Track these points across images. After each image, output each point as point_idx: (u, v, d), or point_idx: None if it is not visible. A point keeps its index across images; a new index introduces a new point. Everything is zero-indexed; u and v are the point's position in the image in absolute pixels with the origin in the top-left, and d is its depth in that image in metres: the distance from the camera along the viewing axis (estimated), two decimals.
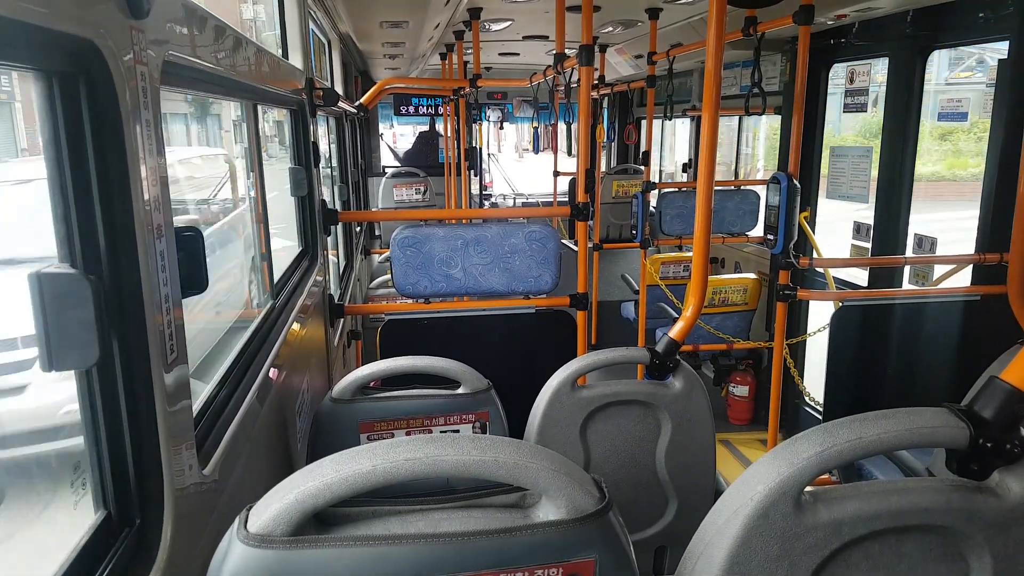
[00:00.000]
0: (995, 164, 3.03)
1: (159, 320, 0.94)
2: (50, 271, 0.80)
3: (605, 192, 6.64)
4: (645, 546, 1.96)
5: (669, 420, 1.89)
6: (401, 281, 2.63)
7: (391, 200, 7.93)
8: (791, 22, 2.89)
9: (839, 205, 4.04)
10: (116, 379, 0.90)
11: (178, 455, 0.99)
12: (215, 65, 1.37)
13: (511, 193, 9.56)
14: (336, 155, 5.25)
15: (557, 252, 2.68)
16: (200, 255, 1.10)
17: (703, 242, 2.08)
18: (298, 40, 2.69)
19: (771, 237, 3.01)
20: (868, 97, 3.77)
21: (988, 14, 2.99)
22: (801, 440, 0.98)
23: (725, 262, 5.56)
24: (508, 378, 2.02)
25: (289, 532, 0.83)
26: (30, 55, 0.77)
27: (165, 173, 0.99)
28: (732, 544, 0.97)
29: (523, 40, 5.32)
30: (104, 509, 0.92)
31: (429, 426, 1.82)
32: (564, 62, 3.05)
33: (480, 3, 3.88)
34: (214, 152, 3.86)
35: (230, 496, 1.22)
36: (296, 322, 2.09)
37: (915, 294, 3.19)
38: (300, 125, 2.57)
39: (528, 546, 0.87)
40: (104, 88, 0.84)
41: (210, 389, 1.38)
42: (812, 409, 4.26)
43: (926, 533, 1.00)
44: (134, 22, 0.89)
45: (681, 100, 5.99)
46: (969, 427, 0.96)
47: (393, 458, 0.85)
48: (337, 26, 4.63)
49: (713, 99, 2.00)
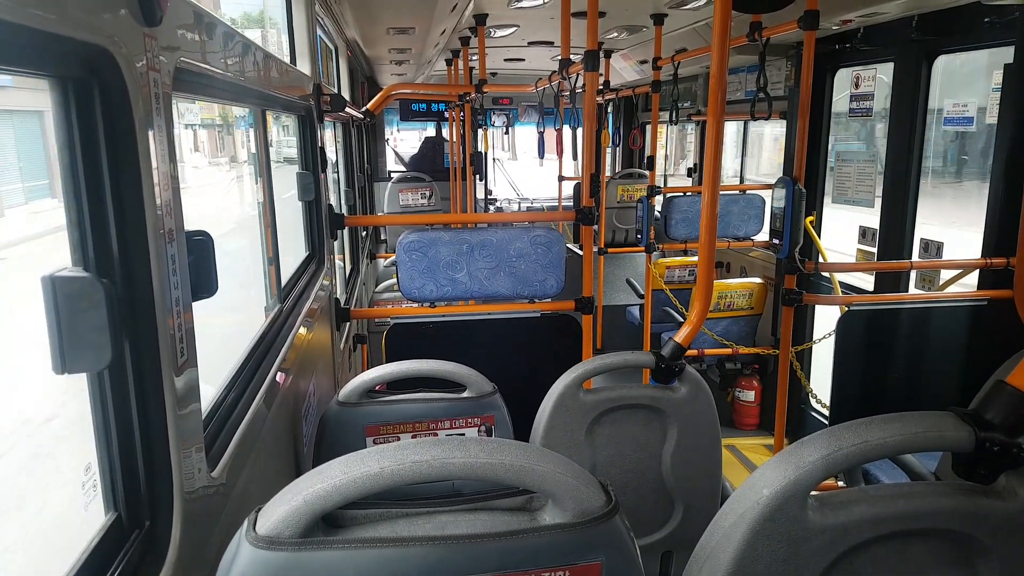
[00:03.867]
0: (1001, 168, 3.02)
1: (170, 324, 0.95)
2: (63, 274, 0.81)
3: (610, 196, 6.65)
4: (651, 550, 1.95)
5: (675, 424, 1.89)
6: (407, 285, 2.64)
7: (397, 205, 7.96)
8: (796, 27, 2.89)
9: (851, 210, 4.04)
10: (128, 382, 0.90)
11: (187, 458, 0.99)
12: (225, 71, 1.38)
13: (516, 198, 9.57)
14: (343, 160, 5.28)
15: (562, 256, 2.68)
16: (211, 259, 1.11)
17: (708, 246, 2.08)
18: (306, 46, 2.71)
19: (777, 241, 3.01)
20: (873, 102, 3.77)
21: (994, 19, 2.99)
22: (807, 444, 0.98)
23: (731, 266, 5.56)
24: (513, 382, 2.02)
25: (298, 534, 0.83)
26: (44, 62, 0.78)
27: (177, 178, 1.01)
28: (738, 548, 0.97)
29: (528, 46, 5.34)
30: (114, 511, 0.93)
31: (435, 430, 1.83)
32: (569, 67, 3.06)
33: (486, 9, 3.90)
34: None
35: (238, 499, 1.22)
36: (303, 326, 2.10)
37: (921, 299, 3.19)
38: (308, 130, 2.58)
39: (534, 549, 0.87)
40: (117, 94, 0.85)
41: (218, 392, 1.39)
42: (818, 414, 4.24)
43: (932, 537, 1.00)
44: (147, 29, 0.91)
45: (686, 105, 6.00)
46: (975, 431, 0.96)
47: (401, 460, 0.86)
48: (344, 32, 4.66)
49: (718, 104, 2.01)
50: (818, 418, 4.24)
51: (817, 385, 4.13)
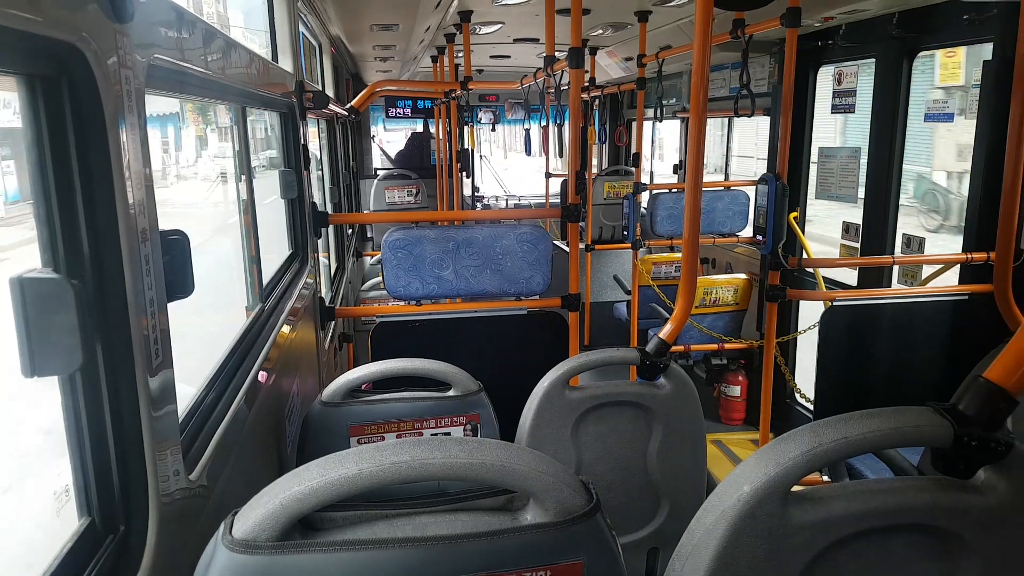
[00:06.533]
0: (981, 164, 3.05)
1: (144, 324, 0.94)
2: (32, 275, 0.79)
3: (596, 193, 6.65)
4: (638, 547, 1.96)
5: (660, 421, 1.89)
6: (392, 283, 2.63)
7: (383, 202, 7.92)
8: (779, 24, 2.90)
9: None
10: (100, 384, 0.89)
11: (163, 460, 0.98)
12: (203, 68, 1.36)
13: (503, 195, 9.57)
14: (327, 157, 5.24)
15: (548, 254, 2.68)
16: (186, 259, 1.09)
17: (692, 243, 2.08)
18: (288, 43, 2.68)
19: (761, 238, 3.03)
20: (855, 98, 3.80)
21: (973, 16, 3.01)
22: (787, 440, 0.98)
23: (716, 262, 5.59)
24: (500, 380, 2.02)
25: (274, 537, 0.82)
26: (11, 59, 0.76)
27: (151, 176, 0.99)
28: (720, 545, 0.97)
29: (514, 43, 5.32)
30: (88, 516, 0.92)
31: (420, 429, 1.82)
32: (554, 64, 3.06)
33: (470, 6, 3.88)
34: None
35: (217, 502, 1.21)
36: (286, 325, 2.08)
37: (903, 294, 3.21)
38: (290, 128, 2.56)
39: (516, 549, 0.87)
40: (87, 92, 0.84)
41: (197, 393, 1.38)
42: (804, 409, 4.28)
43: (913, 532, 1.00)
44: (118, 26, 0.89)
45: (671, 102, 6.01)
46: (953, 425, 0.96)
47: (379, 461, 0.85)
48: (328, 29, 4.62)
49: (701, 101, 2.01)
50: (804, 412, 4.27)
51: (802, 380, 4.16)
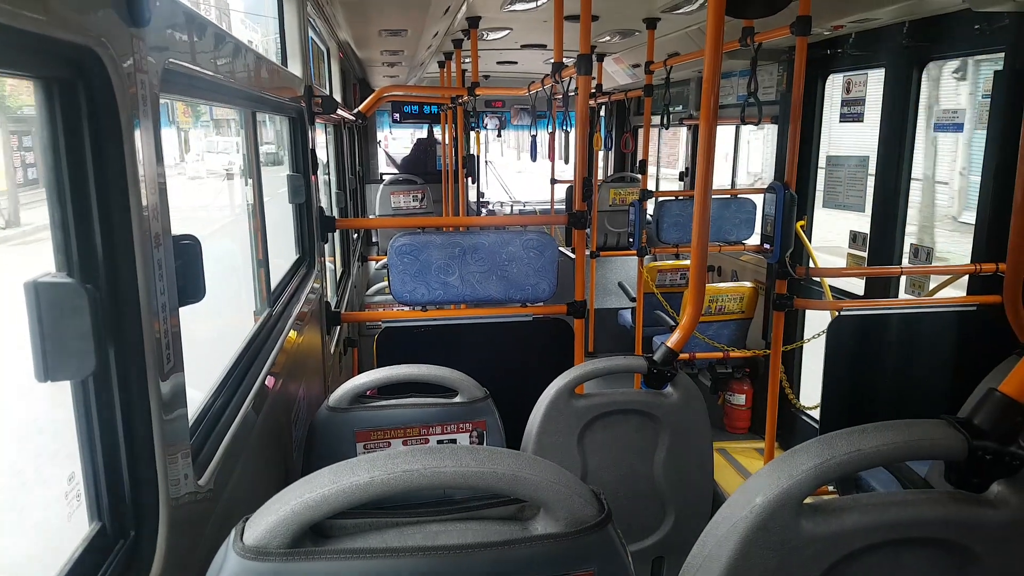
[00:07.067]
0: (991, 174, 3.04)
1: (156, 329, 0.94)
2: (47, 280, 0.79)
3: (602, 200, 6.65)
4: (643, 556, 1.95)
5: (667, 429, 1.88)
6: (398, 289, 2.62)
7: (389, 207, 7.93)
8: (788, 32, 2.90)
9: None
10: (112, 389, 0.89)
11: (174, 465, 0.98)
12: (215, 72, 1.37)
13: (508, 201, 9.58)
14: (334, 162, 5.25)
15: (554, 260, 2.68)
16: (198, 263, 1.09)
17: (700, 250, 2.07)
18: (297, 48, 2.69)
19: (768, 246, 3.02)
20: (864, 107, 3.79)
21: (984, 26, 3.01)
22: (800, 452, 0.98)
23: (722, 270, 5.57)
24: (505, 386, 2.01)
25: (286, 544, 0.82)
26: (29, 62, 0.76)
27: (164, 181, 0.99)
28: (731, 556, 0.96)
29: (521, 49, 5.33)
30: (98, 521, 0.91)
31: (426, 435, 1.81)
32: (562, 71, 3.06)
33: (479, 12, 3.89)
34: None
35: (225, 506, 1.20)
36: (293, 330, 2.08)
37: (911, 304, 3.20)
38: (299, 132, 2.57)
39: (526, 559, 0.86)
40: (104, 95, 0.84)
41: (206, 398, 1.37)
42: (809, 418, 4.26)
43: (925, 545, 0.99)
44: (134, 30, 0.89)
45: (678, 109, 6.02)
46: (968, 439, 0.96)
47: (391, 469, 0.84)
48: (336, 34, 4.64)
49: (710, 108, 2.01)
50: (809, 422, 4.25)
51: (809, 388, 4.14)
